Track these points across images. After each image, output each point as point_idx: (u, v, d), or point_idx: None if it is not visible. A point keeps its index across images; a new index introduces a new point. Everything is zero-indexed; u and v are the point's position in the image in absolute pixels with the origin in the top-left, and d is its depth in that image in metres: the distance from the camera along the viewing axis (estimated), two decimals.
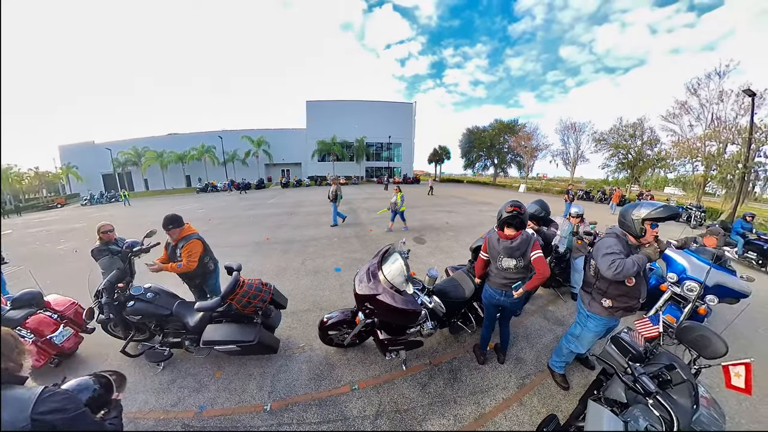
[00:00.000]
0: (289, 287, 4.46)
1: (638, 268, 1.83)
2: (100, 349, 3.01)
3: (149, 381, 2.59)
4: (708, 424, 1.44)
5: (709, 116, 15.14)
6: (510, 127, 34.65)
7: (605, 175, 24.83)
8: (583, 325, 2.30)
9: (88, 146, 35.87)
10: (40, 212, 22.76)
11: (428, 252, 6.28)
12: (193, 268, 2.88)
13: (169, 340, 2.79)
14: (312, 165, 36.20)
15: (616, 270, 1.85)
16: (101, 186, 34.21)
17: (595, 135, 24.68)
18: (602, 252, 1.99)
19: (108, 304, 2.55)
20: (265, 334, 2.60)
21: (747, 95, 11.44)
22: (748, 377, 1.44)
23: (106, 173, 35.42)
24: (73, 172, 33.65)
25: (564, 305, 4.08)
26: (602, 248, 2.02)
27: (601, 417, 1.29)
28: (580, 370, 2.79)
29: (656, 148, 20.25)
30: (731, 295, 2.97)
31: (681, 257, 3.23)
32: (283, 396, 2.42)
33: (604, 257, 1.95)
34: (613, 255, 1.92)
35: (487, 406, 2.35)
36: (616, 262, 1.86)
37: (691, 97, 15.70)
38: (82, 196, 30.13)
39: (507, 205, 2.27)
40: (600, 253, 2.01)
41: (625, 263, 1.84)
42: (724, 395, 2.39)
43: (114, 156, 32.86)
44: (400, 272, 2.40)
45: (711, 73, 14.68)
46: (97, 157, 34.53)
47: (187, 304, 2.82)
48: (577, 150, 27.28)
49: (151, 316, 2.69)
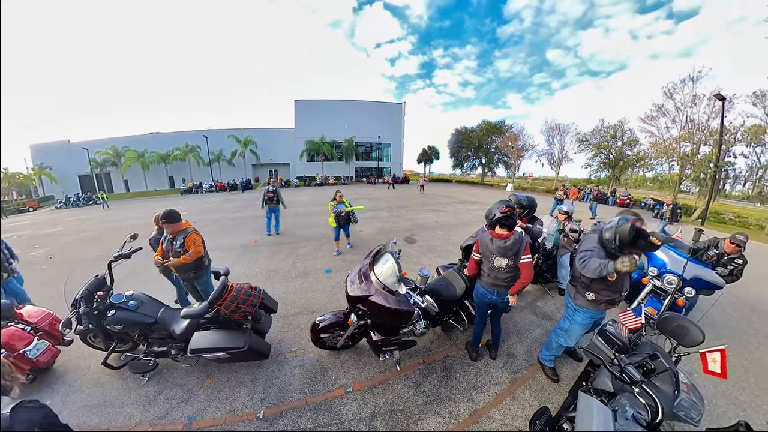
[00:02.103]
0: (280, 290, 4.38)
1: (599, 272, 1.91)
2: (80, 362, 2.86)
3: (134, 393, 2.47)
4: (689, 409, 1.51)
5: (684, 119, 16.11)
6: (497, 127, 35.43)
7: (588, 175, 25.73)
8: (571, 318, 2.37)
9: (62, 145, 33.96)
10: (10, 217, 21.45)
11: (419, 252, 6.32)
12: (201, 253, 3.03)
13: (154, 349, 2.67)
14: (300, 165, 35.73)
15: (582, 264, 2.02)
16: (78, 188, 32.54)
17: (579, 136, 25.65)
18: (582, 248, 2.17)
19: (87, 313, 2.41)
20: (255, 339, 2.54)
21: (718, 99, 12.21)
22: (724, 363, 1.52)
23: (83, 174, 33.62)
24: (47, 173, 31.80)
25: (552, 300, 4.19)
26: (584, 244, 2.20)
27: (591, 407, 1.33)
28: (569, 362, 2.87)
29: (635, 148, 21.29)
30: (707, 287, 3.14)
31: (661, 252, 3.37)
32: (276, 402, 2.37)
33: (580, 252, 2.12)
34: (588, 252, 2.08)
35: (481, 401, 2.38)
36: (586, 257, 2.03)
37: (667, 101, 16.69)
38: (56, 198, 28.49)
39: (500, 205, 2.32)
40: (580, 249, 2.18)
41: (590, 261, 1.98)
42: (702, 380, 2.53)
43: (91, 156, 31.18)
44: (391, 273, 2.40)
45: (685, 79, 15.63)
46: (72, 157, 32.79)
47: (172, 311, 2.72)
48: (562, 150, 28.14)
49: (133, 324, 2.57)
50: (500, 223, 2.33)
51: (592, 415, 1.29)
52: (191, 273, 3.11)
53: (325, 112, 36.06)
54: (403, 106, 39.61)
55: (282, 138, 36.47)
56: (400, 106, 39.69)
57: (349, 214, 5.87)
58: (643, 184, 22.77)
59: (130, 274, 5.11)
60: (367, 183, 34.56)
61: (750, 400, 2.49)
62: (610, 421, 1.25)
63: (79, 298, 2.46)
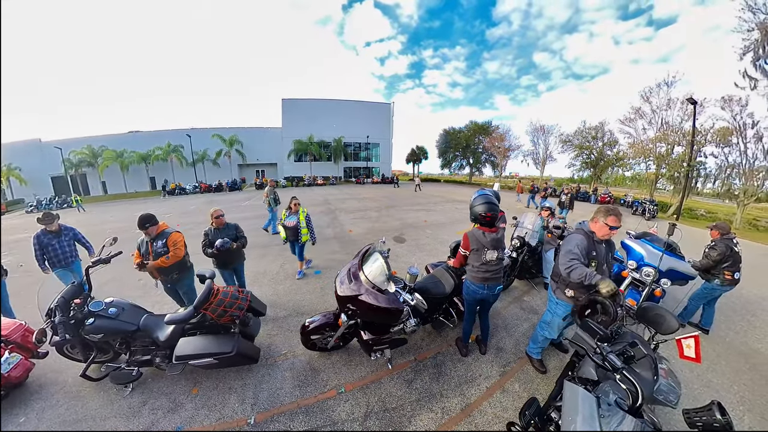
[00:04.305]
0: (268, 293, 4.31)
1: (582, 281, 2.00)
2: (56, 376, 2.70)
3: (116, 406, 2.36)
4: (667, 392, 1.59)
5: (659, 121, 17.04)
6: (484, 128, 36.08)
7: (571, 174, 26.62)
8: (554, 312, 2.46)
9: (33, 144, 31.74)
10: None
11: (408, 250, 6.35)
12: (182, 256, 2.99)
13: (137, 358, 2.56)
14: (288, 165, 35.14)
15: (569, 270, 2.07)
16: (50, 190, 30.61)
17: (562, 137, 26.49)
18: (567, 248, 2.20)
19: (63, 323, 2.28)
20: (243, 343, 2.49)
21: (690, 103, 13.00)
22: (698, 348, 1.61)
23: (56, 175, 31.59)
24: (15, 174, 29.65)
25: (538, 295, 4.31)
26: (568, 244, 2.22)
27: (576, 395, 1.38)
28: (556, 354, 2.96)
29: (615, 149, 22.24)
30: (681, 278, 3.31)
31: (639, 246, 3.54)
32: (267, 407, 2.33)
33: (566, 254, 2.15)
34: (573, 256, 2.12)
35: (473, 396, 2.42)
36: (574, 264, 2.06)
37: (644, 104, 17.57)
38: (27, 201, 26.79)
39: (486, 211, 2.40)
40: (564, 248, 2.21)
41: (577, 269, 2.04)
42: (679, 365, 2.68)
43: (65, 156, 29.45)
44: (381, 271, 2.41)
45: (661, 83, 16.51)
46: (44, 157, 30.72)
47: (155, 317, 2.62)
48: (546, 150, 28.99)
49: (114, 333, 2.46)
50: (483, 223, 2.45)
51: (577, 403, 1.34)
52: (174, 274, 3.03)
53: (314, 111, 35.64)
54: (391, 106, 39.72)
55: (269, 137, 35.76)
56: (389, 106, 39.77)
57: (299, 230, 4.41)
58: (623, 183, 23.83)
59: (110, 280, 4.89)
60: (356, 183, 34.44)
61: (722, 382, 2.65)
62: (594, 407, 1.30)
63: (54, 307, 2.34)
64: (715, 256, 3.16)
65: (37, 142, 32.13)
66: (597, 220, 2.23)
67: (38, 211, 22.03)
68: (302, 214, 4.54)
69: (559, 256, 2.24)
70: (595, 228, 2.24)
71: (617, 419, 1.27)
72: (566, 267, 2.09)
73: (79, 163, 30.67)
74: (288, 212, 4.58)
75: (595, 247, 2.21)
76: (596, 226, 2.24)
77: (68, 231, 3.82)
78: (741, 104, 13.52)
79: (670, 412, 2.12)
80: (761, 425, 2.22)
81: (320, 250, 6.18)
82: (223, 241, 3.32)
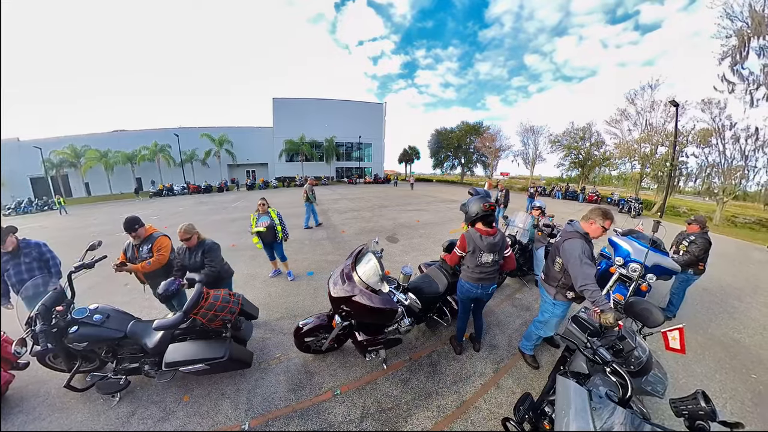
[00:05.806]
0: (260, 295, 4.24)
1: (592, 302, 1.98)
2: (38, 387, 2.58)
3: (104, 417, 2.28)
4: (655, 383, 1.64)
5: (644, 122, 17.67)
6: (475, 128, 36.55)
7: (560, 173, 27.24)
8: (551, 312, 2.50)
9: (10, 144, 30.14)
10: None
11: (401, 250, 6.37)
12: (165, 262, 2.84)
13: (124, 366, 2.47)
14: (279, 165, 34.73)
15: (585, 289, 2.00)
16: (30, 192, 29.34)
17: (551, 137, 27.10)
18: (578, 258, 2.08)
19: (44, 331, 2.16)
20: (236, 348, 2.44)
21: (672, 105, 13.51)
22: (682, 340, 1.67)
23: (36, 176, 30.22)
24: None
25: (529, 292, 4.39)
26: (574, 251, 2.12)
27: (568, 389, 1.41)
28: (547, 349, 3.02)
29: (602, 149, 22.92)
30: (665, 273, 3.42)
31: (626, 243, 3.64)
32: (261, 412, 2.29)
33: (581, 264, 2.06)
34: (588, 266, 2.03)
35: (468, 393, 2.45)
36: (591, 288, 1.97)
37: (629, 106, 18.15)
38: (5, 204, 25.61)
39: (483, 203, 2.41)
40: (573, 255, 2.11)
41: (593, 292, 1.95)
42: (665, 357, 2.77)
43: (46, 156, 28.21)
44: (374, 272, 2.40)
45: (645, 86, 17.12)
46: (23, 157, 29.25)
47: (143, 323, 2.54)
48: (536, 150, 29.59)
49: (100, 341, 2.37)
50: (484, 220, 2.43)
51: (570, 397, 1.37)
52: (161, 279, 2.93)
53: (305, 111, 35.33)
54: (384, 106, 39.73)
55: (259, 137, 35.23)
56: (381, 106, 39.78)
57: (275, 229, 4.35)
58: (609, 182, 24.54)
59: (94, 285, 4.73)
60: (348, 183, 34.31)
61: (705, 371, 2.76)
62: (586, 400, 1.33)
63: (34, 315, 2.22)
64: (697, 251, 3.27)
65: (15, 141, 30.70)
66: (593, 221, 2.23)
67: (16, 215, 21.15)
68: (273, 212, 4.48)
69: (572, 267, 2.12)
70: (590, 229, 2.26)
71: (608, 411, 1.30)
72: (583, 284, 2.00)
73: (60, 163, 29.44)
74: (257, 215, 4.46)
75: (591, 247, 2.25)
76: (592, 227, 2.25)
77: (30, 249, 2.83)
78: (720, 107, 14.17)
79: (657, 402, 2.19)
80: (742, 411, 2.32)
81: (313, 251, 6.12)
82: (167, 283, 2.44)
